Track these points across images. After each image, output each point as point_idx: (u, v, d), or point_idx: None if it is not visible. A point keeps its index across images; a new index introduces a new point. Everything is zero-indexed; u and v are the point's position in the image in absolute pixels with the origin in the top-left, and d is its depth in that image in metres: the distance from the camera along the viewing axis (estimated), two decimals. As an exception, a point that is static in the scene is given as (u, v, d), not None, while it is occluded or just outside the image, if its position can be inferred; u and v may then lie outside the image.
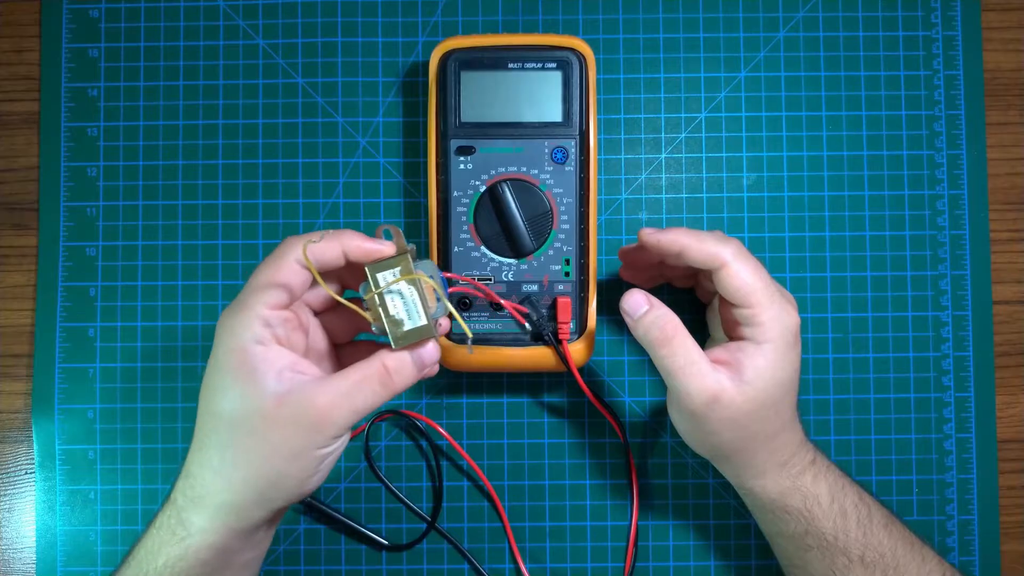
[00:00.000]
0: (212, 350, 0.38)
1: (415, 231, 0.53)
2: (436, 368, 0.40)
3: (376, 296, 0.38)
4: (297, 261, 0.38)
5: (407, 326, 0.38)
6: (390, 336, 0.38)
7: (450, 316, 0.39)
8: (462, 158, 0.48)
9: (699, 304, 0.52)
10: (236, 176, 0.53)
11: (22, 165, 0.54)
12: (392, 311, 0.38)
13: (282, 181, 0.53)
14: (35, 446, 0.52)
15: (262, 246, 0.53)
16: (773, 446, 0.43)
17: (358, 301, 0.39)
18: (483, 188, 0.48)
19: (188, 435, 0.52)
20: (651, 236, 0.43)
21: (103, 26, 0.54)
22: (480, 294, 0.47)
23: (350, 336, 0.44)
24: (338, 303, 0.40)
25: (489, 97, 0.48)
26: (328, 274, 0.40)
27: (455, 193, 0.48)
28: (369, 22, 0.54)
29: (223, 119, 0.53)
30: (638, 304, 0.42)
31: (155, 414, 0.53)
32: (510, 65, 0.48)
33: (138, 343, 0.53)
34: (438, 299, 0.38)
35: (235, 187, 0.53)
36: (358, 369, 0.37)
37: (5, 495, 0.53)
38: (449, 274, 0.47)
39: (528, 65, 0.48)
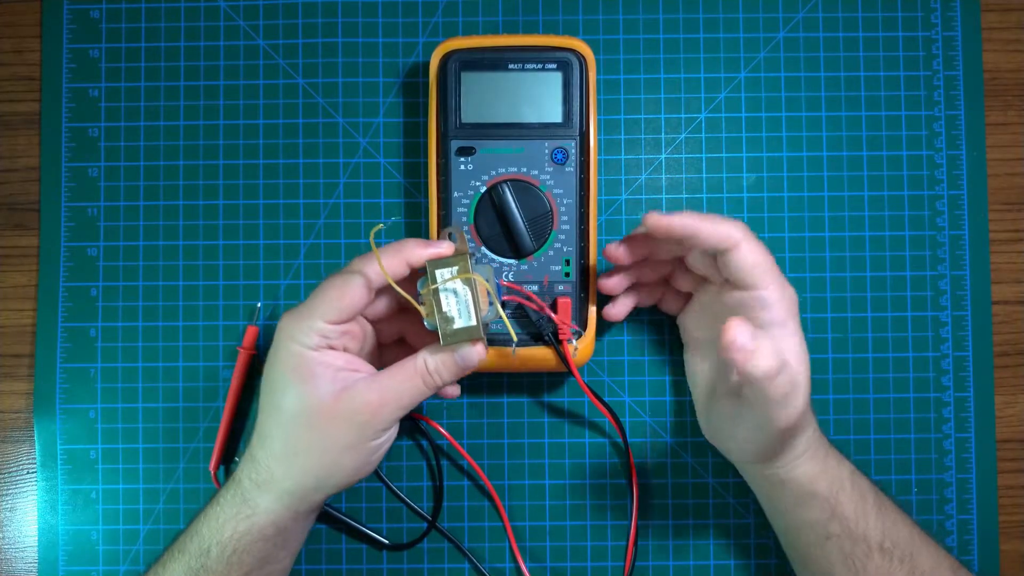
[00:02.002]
0: (273, 347, 0.42)
1: (416, 231, 0.53)
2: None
3: (432, 291, 0.39)
4: (364, 285, 0.40)
5: (457, 324, 0.40)
6: (440, 332, 0.40)
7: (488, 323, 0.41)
8: (462, 159, 0.48)
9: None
10: (237, 176, 0.53)
11: (23, 165, 0.54)
12: (445, 308, 0.40)
13: (283, 181, 0.53)
14: (37, 446, 0.53)
15: (263, 246, 0.53)
16: (805, 428, 0.43)
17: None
18: (483, 189, 0.48)
19: (189, 435, 0.52)
20: (660, 220, 0.41)
21: (104, 26, 0.54)
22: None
23: (394, 338, 0.47)
24: (394, 311, 0.44)
25: (489, 98, 0.48)
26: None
27: (455, 194, 0.48)
28: (369, 23, 0.54)
29: (224, 120, 0.54)
30: (748, 339, 0.39)
31: (156, 414, 0.53)
32: (510, 66, 0.48)
33: (139, 343, 0.53)
34: (490, 303, 0.40)
35: (236, 187, 0.53)
36: (402, 367, 0.41)
37: (7, 495, 0.53)
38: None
39: (528, 66, 0.48)
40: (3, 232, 0.54)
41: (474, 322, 0.40)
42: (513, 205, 0.47)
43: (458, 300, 0.40)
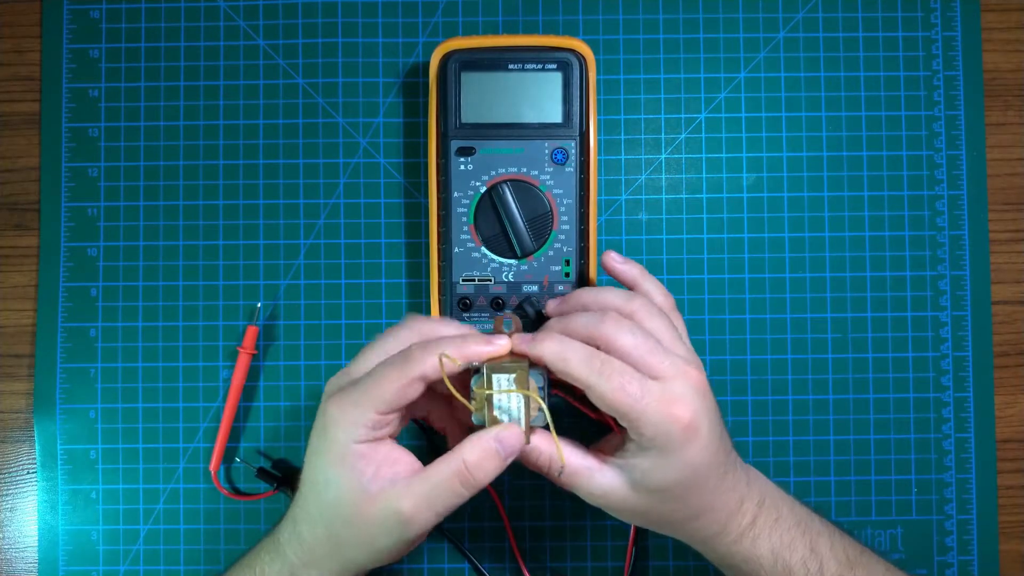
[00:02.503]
0: (319, 427, 0.41)
1: (415, 231, 0.53)
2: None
3: (486, 396, 0.40)
4: (422, 377, 0.40)
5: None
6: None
7: (545, 426, 0.41)
8: (462, 159, 0.48)
9: None
10: (237, 176, 0.53)
11: (23, 166, 0.54)
12: (496, 411, 0.40)
13: (283, 182, 0.53)
14: (37, 446, 0.53)
15: (263, 246, 0.53)
16: (698, 524, 0.42)
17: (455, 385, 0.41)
18: (483, 189, 0.48)
19: (189, 435, 0.52)
20: (522, 347, 0.41)
21: (104, 27, 0.54)
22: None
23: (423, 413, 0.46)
24: (447, 397, 0.43)
25: (489, 98, 0.48)
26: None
27: (456, 194, 0.48)
28: (369, 23, 0.54)
29: (224, 120, 0.54)
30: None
31: (156, 414, 0.53)
32: (510, 66, 0.48)
33: (139, 343, 0.53)
34: (539, 409, 0.40)
35: (236, 187, 0.53)
36: (439, 467, 0.40)
37: (7, 495, 0.53)
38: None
39: (528, 66, 0.48)
40: (3, 232, 0.54)
41: (523, 426, 0.40)
42: (513, 205, 0.47)
43: (510, 403, 0.40)
